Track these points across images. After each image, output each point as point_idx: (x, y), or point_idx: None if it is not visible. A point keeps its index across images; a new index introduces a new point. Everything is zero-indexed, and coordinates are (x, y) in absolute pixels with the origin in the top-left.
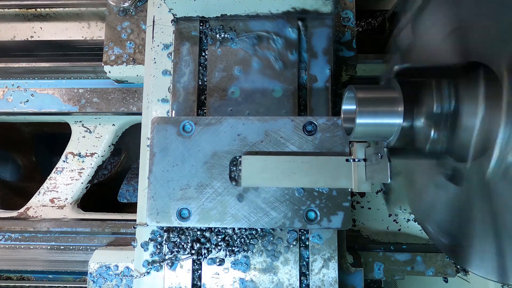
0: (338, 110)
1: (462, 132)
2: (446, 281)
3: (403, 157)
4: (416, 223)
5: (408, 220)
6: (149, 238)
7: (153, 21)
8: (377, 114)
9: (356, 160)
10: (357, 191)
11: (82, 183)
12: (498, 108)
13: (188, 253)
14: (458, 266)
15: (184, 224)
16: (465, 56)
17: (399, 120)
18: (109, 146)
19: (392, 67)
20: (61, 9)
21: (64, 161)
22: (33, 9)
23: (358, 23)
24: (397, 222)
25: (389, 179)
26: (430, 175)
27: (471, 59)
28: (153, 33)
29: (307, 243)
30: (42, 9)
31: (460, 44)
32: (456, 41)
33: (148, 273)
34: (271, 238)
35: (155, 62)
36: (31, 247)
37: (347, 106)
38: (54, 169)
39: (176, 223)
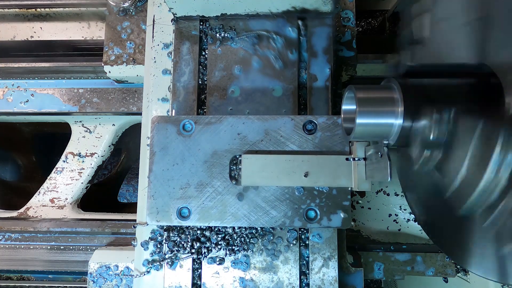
0: (338, 111)
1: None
2: (446, 281)
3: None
4: (416, 223)
5: (408, 220)
6: (149, 237)
7: (153, 21)
8: (377, 114)
9: (356, 159)
10: (357, 190)
11: (82, 183)
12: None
13: (188, 252)
14: (458, 266)
15: (184, 223)
16: (477, 55)
17: (399, 121)
18: (109, 146)
19: (398, 63)
20: (61, 9)
21: (64, 161)
22: (33, 9)
23: (358, 23)
24: (397, 222)
25: (389, 178)
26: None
27: (482, 60)
28: (153, 32)
29: (307, 242)
30: (42, 9)
31: (476, 39)
32: (473, 35)
33: (148, 272)
34: (271, 237)
35: (155, 62)
36: (31, 247)
37: (347, 106)
38: (54, 169)
39: (176, 222)
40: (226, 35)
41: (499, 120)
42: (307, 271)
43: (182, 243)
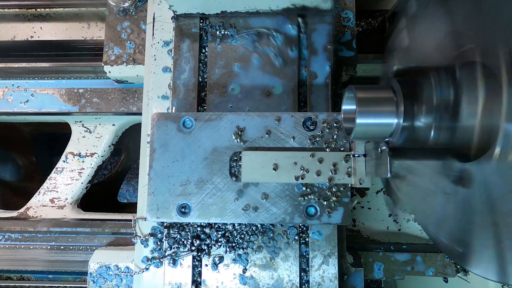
0: (338, 110)
1: (463, 128)
2: (446, 281)
3: (406, 158)
4: (416, 223)
5: (408, 220)
6: (149, 234)
7: (153, 18)
8: (377, 114)
9: (356, 155)
10: (357, 187)
11: (82, 183)
12: (498, 104)
13: (188, 250)
14: (458, 266)
15: (184, 220)
16: (462, 57)
17: (399, 120)
18: (109, 146)
19: (390, 68)
20: (61, 9)
21: (64, 161)
22: (33, 9)
23: (358, 23)
24: (397, 222)
25: (389, 174)
26: (437, 182)
27: (468, 59)
28: (153, 30)
29: (307, 239)
30: (42, 9)
31: (456, 46)
32: (452, 44)
33: (147, 269)
34: (271, 234)
35: (155, 59)
36: (31, 247)
37: (347, 106)
38: (54, 169)
39: (176, 218)
40: (226, 32)
41: None
42: (307, 268)
43: (182, 240)
